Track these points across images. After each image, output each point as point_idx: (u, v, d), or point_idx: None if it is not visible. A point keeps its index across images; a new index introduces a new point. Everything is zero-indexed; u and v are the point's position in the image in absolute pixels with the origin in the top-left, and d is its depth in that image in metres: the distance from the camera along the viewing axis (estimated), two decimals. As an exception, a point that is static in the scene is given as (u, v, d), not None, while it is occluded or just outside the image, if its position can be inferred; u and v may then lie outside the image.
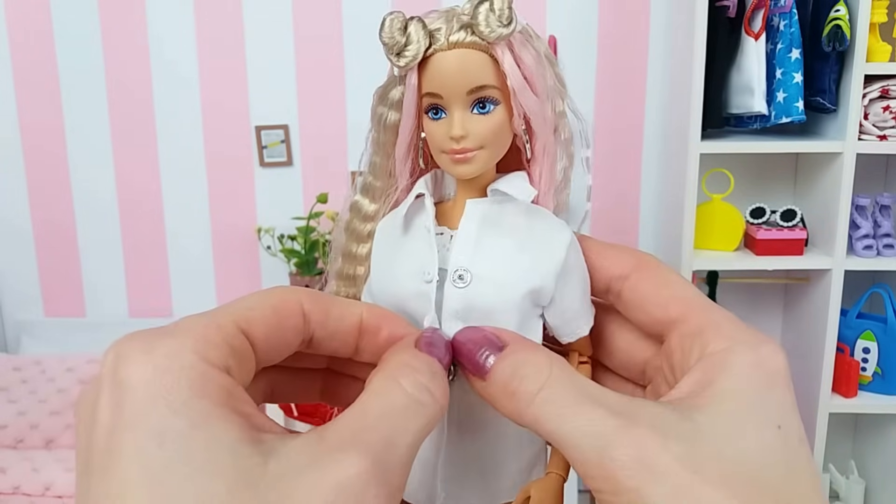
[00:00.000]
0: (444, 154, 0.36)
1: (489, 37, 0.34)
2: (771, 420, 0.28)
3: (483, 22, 0.34)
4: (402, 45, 0.35)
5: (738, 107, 1.92)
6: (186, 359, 0.24)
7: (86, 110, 2.33)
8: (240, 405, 0.24)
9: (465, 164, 0.36)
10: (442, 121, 0.36)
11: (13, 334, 2.49)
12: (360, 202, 0.40)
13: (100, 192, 2.37)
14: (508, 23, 0.34)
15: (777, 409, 0.29)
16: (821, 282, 1.98)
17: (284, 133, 2.28)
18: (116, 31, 2.28)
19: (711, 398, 0.28)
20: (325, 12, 2.23)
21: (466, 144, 0.35)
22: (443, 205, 0.39)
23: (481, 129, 0.35)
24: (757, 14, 1.87)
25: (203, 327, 0.26)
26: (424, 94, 0.36)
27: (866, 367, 2.00)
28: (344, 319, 0.31)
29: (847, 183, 1.86)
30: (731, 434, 0.27)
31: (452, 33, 0.34)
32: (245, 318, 0.28)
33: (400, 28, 0.34)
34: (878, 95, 1.83)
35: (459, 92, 0.35)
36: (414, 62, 0.35)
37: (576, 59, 2.21)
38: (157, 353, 0.24)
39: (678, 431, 0.27)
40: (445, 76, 0.35)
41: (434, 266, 0.35)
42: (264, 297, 0.29)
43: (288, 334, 0.29)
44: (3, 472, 1.88)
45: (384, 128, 0.38)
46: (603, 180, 2.27)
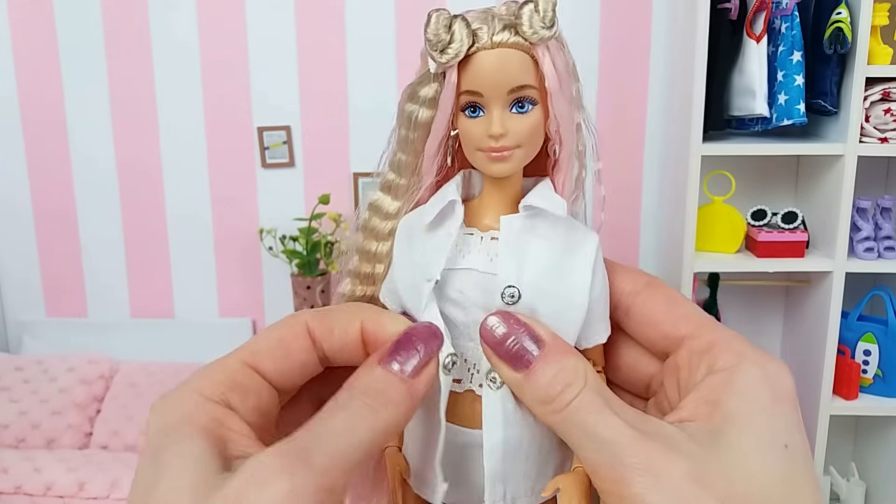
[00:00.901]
0: (481, 152, 0.36)
1: (532, 38, 0.35)
2: (778, 439, 0.29)
3: (527, 23, 0.34)
4: (446, 42, 0.35)
5: (740, 109, 1.92)
6: (187, 396, 0.29)
7: (89, 108, 2.33)
8: (225, 431, 0.28)
9: (502, 162, 0.36)
10: (480, 119, 0.36)
11: (15, 334, 2.49)
12: (382, 200, 0.40)
13: (102, 192, 2.38)
14: (551, 25, 0.35)
15: (784, 428, 0.29)
16: (822, 284, 1.98)
17: (286, 134, 2.28)
18: (119, 33, 2.28)
19: (719, 419, 0.29)
20: (328, 14, 2.23)
21: (505, 143, 0.36)
22: (469, 204, 0.39)
23: (520, 127, 0.36)
24: (758, 16, 1.87)
25: (212, 370, 0.31)
26: (463, 92, 0.36)
27: (867, 370, 2.00)
28: (347, 333, 0.33)
29: (848, 185, 1.87)
30: (737, 455, 0.28)
31: (496, 33, 0.35)
32: (251, 352, 0.32)
33: (445, 25, 0.35)
34: (879, 98, 1.83)
35: (500, 91, 0.35)
36: (456, 60, 0.35)
37: (577, 61, 2.20)
38: (170, 395, 0.30)
39: (687, 449, 0.28)
40: (487, 74, 0.35)
41: (439, 267, 0.35)
42: (271, 330, 0.33)
43: (299, 357, 0.32)
44: (5, 472, 1.89)
45: (414, 125, 0.38)
46: (604, 181, 2.26)
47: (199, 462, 0.26)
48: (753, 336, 2.25)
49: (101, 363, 2.22)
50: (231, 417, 0.29)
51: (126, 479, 1.87)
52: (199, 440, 0.27)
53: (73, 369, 2.19)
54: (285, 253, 2.18)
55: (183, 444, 0.27)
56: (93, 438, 2.09)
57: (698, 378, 0.32)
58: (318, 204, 2.12)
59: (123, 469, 1.91)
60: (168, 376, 2.18)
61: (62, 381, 2.16)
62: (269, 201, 2.34)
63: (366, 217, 0.40)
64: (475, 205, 0.38)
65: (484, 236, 0.37)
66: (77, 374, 2.18)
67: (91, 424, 2.12)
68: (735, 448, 0.28)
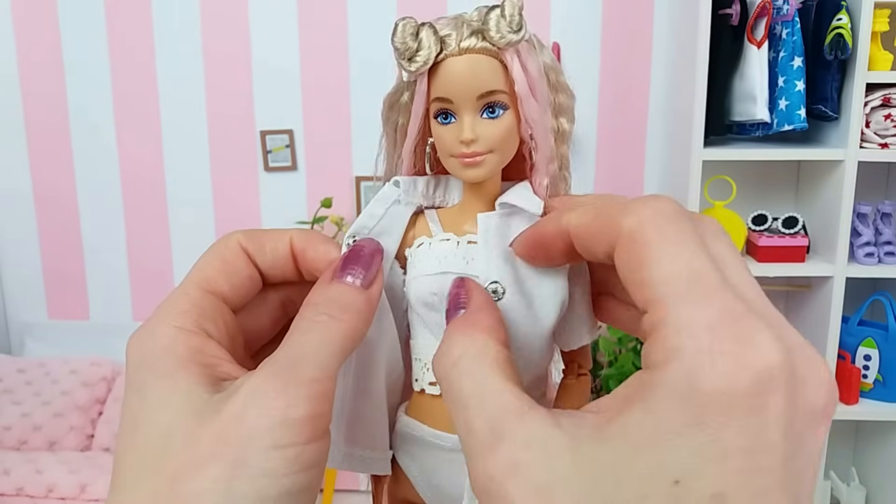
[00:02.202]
0: (454, 158, 0.36)
1: (499, 42, 0.35)
2: (666, 472, 0.21)
3: (494, 27, 0.34)
4: (414, 51, 0.35)
5: (741, 114, 1.93)
6: (161, 331, 0.29)
7: (93, 112, 2.34)
8: (207, 358, 0.29)
9: (475, 167, 0.36)
10: (452, 125, 0.36)
11: (17, 336, 2.50)
12: None
13: (105, 194, 2.39)
14: (518, 29, 0.35)
15: (689, 457, 0.21)
16: (822, 289, 1.98)
17: (289, 138, 2.29)
18: (122, 36, 2.29)
19: (609, 431, 0.23)
20: (331, 17, 2.24)
21: (476, 148, 0.36)
22: (448, 211, 0.39)
23: (491, 133, 0.36)
24: (759, 22, 1.88)
25: (176, 301, 0.31)
26: (434, 100, 0.36)
27: (867, 375, 2.01)
28: (277, 248, 0.34)
29: (848, 190, 1.87)
30: (605, 479, 0.22)
31: (463, 39, 0.35)
32: (204, 278, 0.32)
33: (412, 33, 0.35)
34: (879, 104, 1.84)
35: (470, 96, 0.35)
36: (425, 67, 0.35)
37: (579, 67, 2.22)
38: (142, 331, 0.30)
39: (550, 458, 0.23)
40: (456, 81, 0.35)
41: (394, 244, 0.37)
42: (213, 254, 0.33)
43: (244, 274, 0.33)
44: (7, 474, 1.89)
45: (398, 132, 0.39)
46: (605, 186, 2.28)
47: (189, 392, 0.27)
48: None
49: (103, 365, 2.23)
50: (209, 344, 0.30)
51: (128, 481, 1.87)
52: (185, 371, 0.28)
53: (75, 371, 2.19)
54: (287, 256, 2.18)
55: (169, 378, 0.28)
56: (95, 440, 2.10)
57: None
58: (320, 207, 2.12)
59: (125, 471, 1.91)
60: (170, 379, 2.18)
61: (64, 383, 2.16)
62: (271, 205, 2.35)
63: None
64: (454, 211, 0.39)
65: (461, 240, 0.37)
66: (79, 377, 2.18)
67: (93, 426, 2.13)
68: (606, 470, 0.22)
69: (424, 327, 0.37)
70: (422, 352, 0.38)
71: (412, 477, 0.38)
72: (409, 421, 0.38)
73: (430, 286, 0.36)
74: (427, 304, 0.36)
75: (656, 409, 0.22)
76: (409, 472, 0.38)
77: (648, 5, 2.19)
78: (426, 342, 0.37)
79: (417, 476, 0.38)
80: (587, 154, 2.26)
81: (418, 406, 0.38)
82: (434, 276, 0.36)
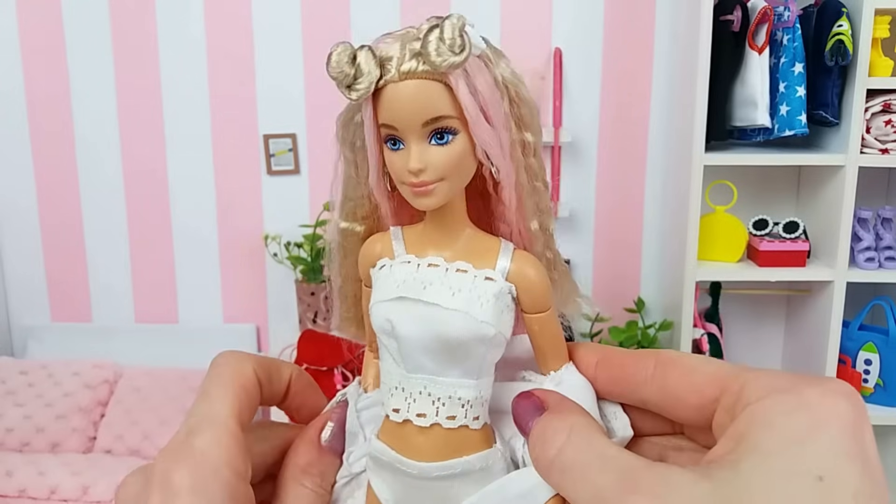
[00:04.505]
0: (405, 185, 0.35)
1: (441, 66, 0.32)
2: (808, 469, 0.24)
3: (434, 51, 0.32)
4: (353, 78, 0.33)
5: (742, 119, 1.94)
6: (221, 473, 0.31)
7: (96, 115, 2.35)
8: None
9: (426, 196, 0.34)
10: (401, 152, 0.34)
11: (20, 339, 2.50)
12: (349, 226, 0.40)
13: (108, 198, 2.39)
14: (461, 51, 0.32)
15: (820, 458, 0.24)
16: (823, 293, 1.99)
17: (292, 142, 2.30)
18: (127, 39, 2.31)
19: (739, 454, 0.26)
20: (334, 21, 2.25)
21: (425, 178, 0.34)
22: (412, 229, 0.38)
23: (440, 160, 0.34)
24: (761, 28, 1.89)
25: (224, 438, 0.32)
26: (381, 125, 0.34)
27: (868, 379, 2.01)
28: (281, 381, 0.38)
29: (849, 196, 1.88)
30: (753, 490, 0.24)
31: (404, 63, 0.33)
32: (239, 413, 0.34)
33: (348, 60, 0.33)
34: (880, 109, 1.85)
35: (415, 124, 0.33)
36: (366, 94, 0.33)
37: (580, 72, 2.23)
38: (197, 465, 0.31)
39: (687, 496, 0.25)
40: (399, 108, 0.33)
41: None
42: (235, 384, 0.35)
43: (255, 403, 0.37)
44: (10, 476, 1.89)
45: (353, 151, 0.38)
46: (606, 191, 2.28)
47: None
48: (754, 345, 2.26)
49: (105, 368, 2.23)
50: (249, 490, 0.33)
51: (130, 483, 1.87)
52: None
53: (77, 374, 2.20)
54: (290, 259, 2.19)
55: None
56: (97, 442, 2.10)
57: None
58: (322, 211, 2.13)
59: (127, 473, 1.91)
60: (172, 382, 2.19)
61: (67, 385, 2.17)
62: (274, 208, 2.36)
63: (339, 241, 0.41)
64: (418, 232, 0.37)
65: (420, 263, 0.36)
66: (81, 379, 2.18)
67: (95, 429, 2.13)
68: (751, 477, 0.25)
69: (387, 353, 0.37)
70: (386, 377, 0.37)
71: (383, 500, 0.38)
72: (379, 445, 0.37)
73: (386, 312, 0.35)
74: (384, 330, 0.36)
75: (774, 426, 0.26)
76: (381, 494, 0.38)
77: (650, 11, 2.20)
78: (389, 368, 0.37)
79: (388, 499, 0.37)
80: (589, 159, 2.27)
81: (387, 431, 0.37)
82: (390, 302, 0.35)
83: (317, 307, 2.17)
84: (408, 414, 0.36)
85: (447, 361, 0.35)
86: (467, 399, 0.35)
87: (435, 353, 0.35)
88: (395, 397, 0.36)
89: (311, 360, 1.79)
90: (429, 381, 0.35)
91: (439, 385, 0.35)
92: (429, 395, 0.35)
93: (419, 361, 0.35)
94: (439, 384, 0.35)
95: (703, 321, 2.09)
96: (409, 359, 0.35)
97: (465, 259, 0.36)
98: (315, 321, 2.17)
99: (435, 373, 0.35)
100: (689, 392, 0.31)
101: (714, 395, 0.30)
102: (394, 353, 0.36)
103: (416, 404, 0.35)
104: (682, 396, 0.31)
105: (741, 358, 2.28)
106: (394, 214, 0.38)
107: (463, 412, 0.35)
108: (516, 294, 0.36)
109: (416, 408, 0.35)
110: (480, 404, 0.36)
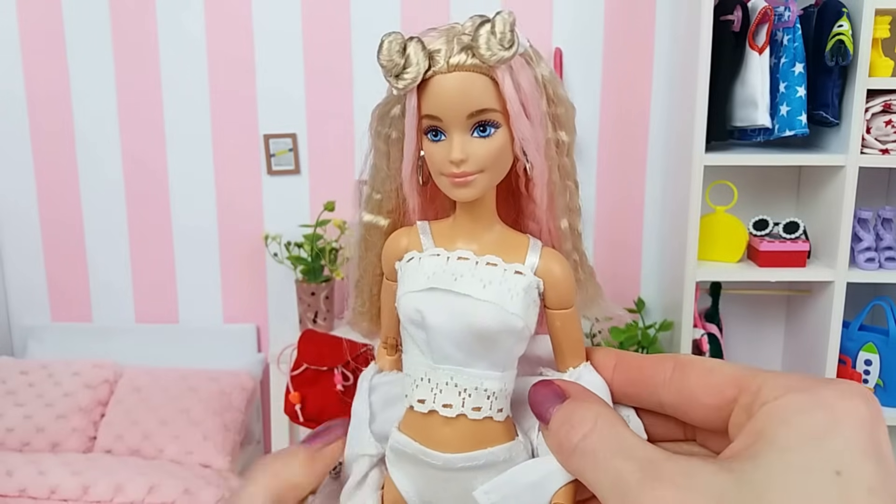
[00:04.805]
0: (444, 176, 0.35)
1: (490, 60, 0.33)
2: (827, 465, 0.25)
3: (484, 45, 0.33)
4: (402, 68, 0.34)
5: (742, 120, 1.94)
6: None
7: (97, 114, 2.35)
8: None
9: (465, 187, 0.35)
10: (441, 143, 0.35)
11: (20, 339, 2.50)
12: (374, 219, 0.41)
13: (108, 197, 2.39)
14: (510, 46, 0.33)
15: (837, 454, 0.25)
16: (823, 294, 1.99)
17: (292, 142, 2.30)
18: (127, 40, 2.31)
19: (758, 448, 0.27)
20: (335, 21, 2.25)
21: (466, 168, 0.35)
22: (440, 224, 0.39)
23: (482, 152, 0.35)
24: (761, 28, 1.89)
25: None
26: (424, 116, 0.35)
27: (868, 379, 2.01)
28: None
29: (849, 196, 1.88)
30: (773, 476, 0.25)
31: (453, 55, 0.34)
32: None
33: (399, 50, 0.34)
34: (880, 110, 1.85)
35: (459, 115, 0.34)
36: (413, 84, 0.34)
37: (581, 72, 2.23)
38: None
39: (708, 486, 0.26)
40: (445, 99, 0.34)
41: None
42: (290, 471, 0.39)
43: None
44: (10, 475, 1.89)
45: (388, 144, 0.38)
46: (607, 191, 2.28)
47: None
48: (755, 345, 2.26)
49: (105, 368, 2.23)
50: None
51: (130, 482, 1.87)
52: None
53: (77, 374, 2.20)
54: (290, 259, 2.19)
55: None
56: (97, 442, 2.10)
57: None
58: (323, 211, 2.13)
59: (127, 473, 1.91)
60: (172, 382, 2.19)
61: (67, 385, 2.17)
62: (274, 208, 2.36)
63: (362, 234, 0.41)
64: (447, 225, 0.38)
65: (450, 256, 0.36)
66: (82, 379, 2.18)
67: (95, 428, 2.13)
68: (771, 470, 0.25)
69: (413, 344, 0.37)
70: (411, 368, 0.37)
71: (404, 492, 0.38)
72: (401, 437, 0.37)
73: (416, 303, 0.36)
74: (413, 321, 0.36)
75: (792, 423, 0.26)
76: (401, 487, 0.38)
77: (650, 12, 2.20)
78: (414, 359, 0.37)
79: (409, 491, 0.38)
80: (589, 159, 2.27)
81: (410, 422, 0.37)
82: (421, 293, 0.36)
83: (317, 307, 2.17)
84: (434, 405, 0.36)
85: (475, 352, 0.35)
86: (493, 391, 0.36)
87: (464, 344, 0.35)
88: (420, 388, 0.36)
89: (311, 360, 1.79)
90: (456, 371, 0.36)
91: (466, 376, 0.36)
92: (455, 385, 0.36)
93: (447, 352, 0.35)
94: (466, 375, 0.36)
95: (704, 321, 2.09)
96: (437, 349, 0.36)
97: (495, 253, 0.37)
98: (315, 321, 2.17)
99: (462, 363, 0.36)
100: (708, 392, 0.32)
101: (733, 395, 0.30)
102: (421, 344, 0.36)
103: (443, 395, 0.36)
104: (700, 397, 0.32)
105: (741, 358, 2.28)
106: (420, 210, 0.39)
107: (488, 404, 0.36)
108: (543, 290, 0.37)
109: (442, 398, 0.36)
110: (505, 397, 0.37)
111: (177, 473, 1.93)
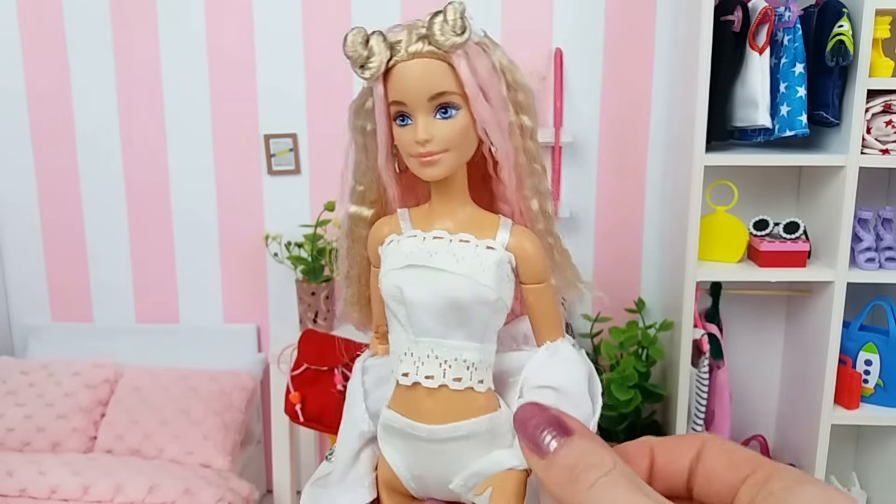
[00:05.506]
0: (412, 157, 0.39)
1: (444, 45, 0.37)
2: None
3: (438, 32, 0.37)
4: (365, 58, 0.38)
5: (742, 120, 1.94)
6: None
7: (98, 115, 2.35)
8: None
9: (432, 166, 0.38)
10: (408, 127, 0.39)
11: (21, 338, 2.50)
12: (358, 210, 0.44)
13: (109, 197, 2.40)
14: (462, 31, 0.36)
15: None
16: (823, 294, 1.99)
17: (293, 142, 2.30)
18: (128, 40, 2.31)
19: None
20: (335, 22, 2.25)
21: (431, 148, 0.38)
22: (418, 209, 0.42)
23: (445, 132, 0.38)
24: (761, 29, 1.89)
25: None
26: (391, 103, 0.39)
27: (868, 379, 2.01)
28: None
29: (850, 196, 1.88)
30: None
31: (411, 44, 0.37)
32: None
33: (362, 42, 0.38)
34: (880, 110, 1.85)
35: (421, 99, 0.38)
36: (378, 73, 0.38)
37: (581, 72, 2.23)
38: None
39: None
40: (407, 85, 0.38)
41: None
42: None
43: None
44: (10, 475, 1.89)
45: (365, 136, 0.42)
46: (607, 191, 2.29)
47: None
48: (754, 345, 2.26)
49: (106, 368, 2.23)
50: None
51: (130, 482, 1.88)
52: None
53: (78, 374, 2.20)
54: (290, 259, 2.19)
55: None
56: (97, 442, 2.10)
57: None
58: (323, 211, 2.13)
59: (127, 473, 1.91)
60: (172, 381, 2.19)
61: (67, 385, 2.17)
62: (274, 208, 2.36)
63: (349, 226, 0.44)
64: (424, 210, 0.41)
65: (426, 236, 0.39)
66: (82, 379, 2.19)
67: (96, 428, 2.13)
68: None
69: (396, 321, 0.40)
70: (395, 344, 0.40)
71: (395, 467, 0.40)
72: (390, 413, 0.40)
73: (396, 279, 0.39)
74: (393, 297, 0.39)
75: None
76: (392, 462, 0.40)
77: (650, 12, 2.20)
78: (398, 336, 0.40)
79: (400, 467, 0.40)
80: (589, 159, 2.27)
81: (397, 398, 0.40)
82: (399, 271, 0.39)
83: (317, 307, 2.17)
84: (416, 377, 0.39)
85: (452, 323, 0.38)
86: (472, 361, 0.38)
87: (441, 316, 0.38)
88: (404, 363, 0.39)
89: (312, 360, 1.79)
90: (435, 343, 0.38)
91: (445, 348, 0.38)
92: (436, 357, 0.38)
93: (426, 325, 0.38)
94: (445, 347, 0.38)
95: (704, 321, 2.09)
96: (416, 323, 0.38)
97: (468, 231, 0.40)
98: (315, 321, 2.17)
99: (441, 335, 0.38)
100: (727, 469, 0.34)
101: (745, 473, 0.32)
102: (402, 320, 0.39)
103: (424, 367, 0.38)
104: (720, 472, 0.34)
105: (741, 358, 2.28)
106: (400, 199, 0.42)
107: (468, 374, 0.38)
108: (515, 265, 0.40)
109: (424, 370, 0.38)
110: (485, 368, 0.39)
111: (177, 473, 1.93)
